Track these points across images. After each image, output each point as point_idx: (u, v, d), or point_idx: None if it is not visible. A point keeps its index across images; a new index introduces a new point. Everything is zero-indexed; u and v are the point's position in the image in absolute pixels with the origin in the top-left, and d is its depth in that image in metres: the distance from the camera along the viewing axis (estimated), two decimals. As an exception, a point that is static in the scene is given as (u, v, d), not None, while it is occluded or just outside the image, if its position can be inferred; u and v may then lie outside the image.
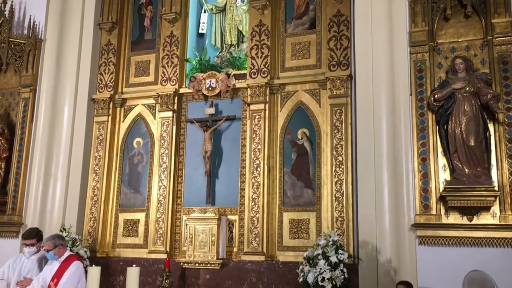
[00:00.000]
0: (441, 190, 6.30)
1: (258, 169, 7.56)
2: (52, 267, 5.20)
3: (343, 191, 7.08)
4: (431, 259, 6.20)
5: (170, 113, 8.27)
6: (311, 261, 6.36)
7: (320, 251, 6.31)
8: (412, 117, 6.63)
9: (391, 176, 6.60)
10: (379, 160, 6.69)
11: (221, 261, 7.34)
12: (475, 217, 6.15)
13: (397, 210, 6.50)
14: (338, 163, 7.19)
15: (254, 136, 7.69)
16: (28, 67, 8.68)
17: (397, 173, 6.58)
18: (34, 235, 5.72)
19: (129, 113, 8.70)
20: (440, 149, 6.46)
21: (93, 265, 3.61)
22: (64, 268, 5.10)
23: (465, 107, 6.26)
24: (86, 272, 5.25)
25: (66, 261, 5.15)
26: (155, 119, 8.46)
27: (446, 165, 6.40)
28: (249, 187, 7.56)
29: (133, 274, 3.45)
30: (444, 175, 6.39)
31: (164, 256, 7.65)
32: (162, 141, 8.22)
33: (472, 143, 6.13)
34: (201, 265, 7.42)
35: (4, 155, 8.35)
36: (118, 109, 8.74)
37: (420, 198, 6.38)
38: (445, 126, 6.39)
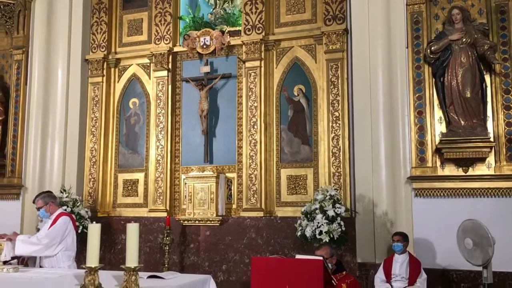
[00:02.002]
0: (437, 143, 6.34)
1: (255, 126, 7.57)
2: (46, 226, 5.27)
3: (340, 147, 7.12)
4: (427, 211, 6.31)
5: (165, 73, 8.20)
6: (309, 216, 6.46)
7: (317, 206, 6.41)
8: (408, 70, 6.59)
9: (387, 130, 6.63)
10: (375, 115, 6.70)
11: (220, 217, 7.46)
12: (470, 169, 6.22)
13: (393, 164, 6.56)
14: (334, 118, 7.20)
15: (250, 93, 7.65)
16: (19, 28, 8.54)
17: (393, 127, 6.60)
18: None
19: (123, 73, 8.63)
20: (436, 102, 6.46)
21: (94, 222, 3.64)
22: (53, 224, 5.17)
23: (462, 58, 6.21)
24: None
25: (56, 218, 5.21)
26: (150, 78, 8.40)
27: (442, 117, 6.41)
28: (246, 145, 7.59)
29: (132, 230, 3.49)
30: (440, 127, 6.41)
31: (164, 214, 7.77)
32: (158, 101, 8.19)
33: (468, 95, 6.12)
34: (201, 222, 7.55)
35: (0, 118, 8.32)
36: (112, 69, 8.66)
37: (416, 151, 6.43)
38: (442, 79, 6.36)
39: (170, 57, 8.22)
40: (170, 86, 8.18)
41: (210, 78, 7.98)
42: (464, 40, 6.24)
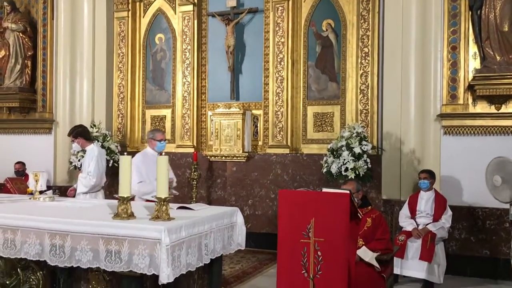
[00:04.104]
0: (470, 79, 6.14)
1: (282, 63, 7.46)
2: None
3: (369, 83, 7.00)
4: (456, 149, 6.23)
5: (190, 7, 8.04)
6: (335, 153, 6.48)
7: (344, 143, 6.40)
8: (443, 3, 6.29)
9: (418, 66, 6.44)
10: (406, 50, 6.49)
11: (246, 154, 7.54)
12: (503, 106, 6.05)
13: (423, 101, 6.42)
14: (364, 54, 7.03)
15: (277, 29, 7.48)
16: (43, -39, 8.40)
17: (425, 63, 6.40)
18: (70, 133, 5.87)
19: (149, 7, 8.51)
20: (471, 37, 6.18)
21: (125, 154, 3.72)
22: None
23: (502, -11, 5.88)
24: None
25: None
26: (175, 13, 8.26)
27: (477, 53, 6.16)
28: (273, 82, 7.52)
29: (162, 162, 3.57)
30: (474, 63, 6.19)
31: (191, 150, 7.89)
32: (184, 37, 8.09)
33: (506, 29, 5.83)
34: (227, 158, 7.65)
35: (29, 53, 8.38)
36: (137, 3, 8.54)
37: (447, 88, 6.26)
38: (479, 12, 6.05)
39: (196, -10, 8.04)
40: (195, 21, 8.04)
41: (237, 12, 7.81)
42: (505, -31, 5.88)
